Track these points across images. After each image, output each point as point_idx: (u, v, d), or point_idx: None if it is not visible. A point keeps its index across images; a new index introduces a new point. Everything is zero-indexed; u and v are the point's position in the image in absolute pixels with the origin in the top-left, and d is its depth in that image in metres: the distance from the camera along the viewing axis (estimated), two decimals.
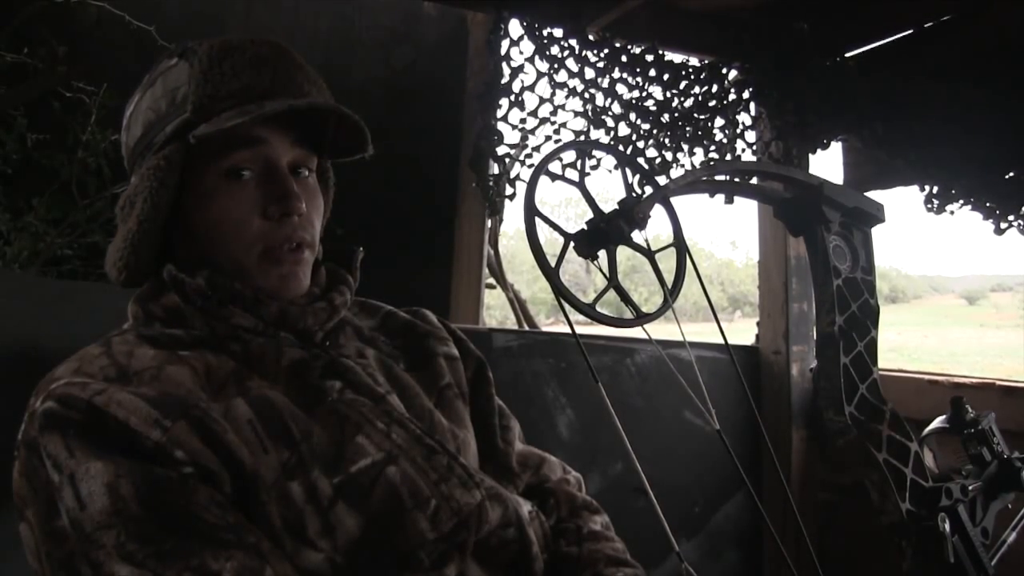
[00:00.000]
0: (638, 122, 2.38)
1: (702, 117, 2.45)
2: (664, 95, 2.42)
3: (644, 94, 2.39)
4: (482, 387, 1.08)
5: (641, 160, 2.35)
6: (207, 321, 0.85)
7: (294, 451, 0.79)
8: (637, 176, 1.16)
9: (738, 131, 2.53)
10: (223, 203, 0.85)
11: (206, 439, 0.75)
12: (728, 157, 2.49)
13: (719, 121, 2.50)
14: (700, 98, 2.47)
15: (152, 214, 0.84)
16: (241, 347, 0.85)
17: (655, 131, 2.39)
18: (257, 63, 0.85)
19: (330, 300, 0.92)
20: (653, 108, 2.39)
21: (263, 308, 0.86)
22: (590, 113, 2.32)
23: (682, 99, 2.44)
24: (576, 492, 1.09)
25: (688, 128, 2.43)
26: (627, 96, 2.37)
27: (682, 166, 2.44)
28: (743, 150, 2.54)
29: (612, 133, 2.35)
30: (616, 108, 2.36)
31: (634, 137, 2.37)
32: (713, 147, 2.48)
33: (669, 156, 2.41)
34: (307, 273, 0.91)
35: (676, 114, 2.42)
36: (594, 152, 1.74)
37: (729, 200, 1.21)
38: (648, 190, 1.08)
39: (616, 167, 1.11)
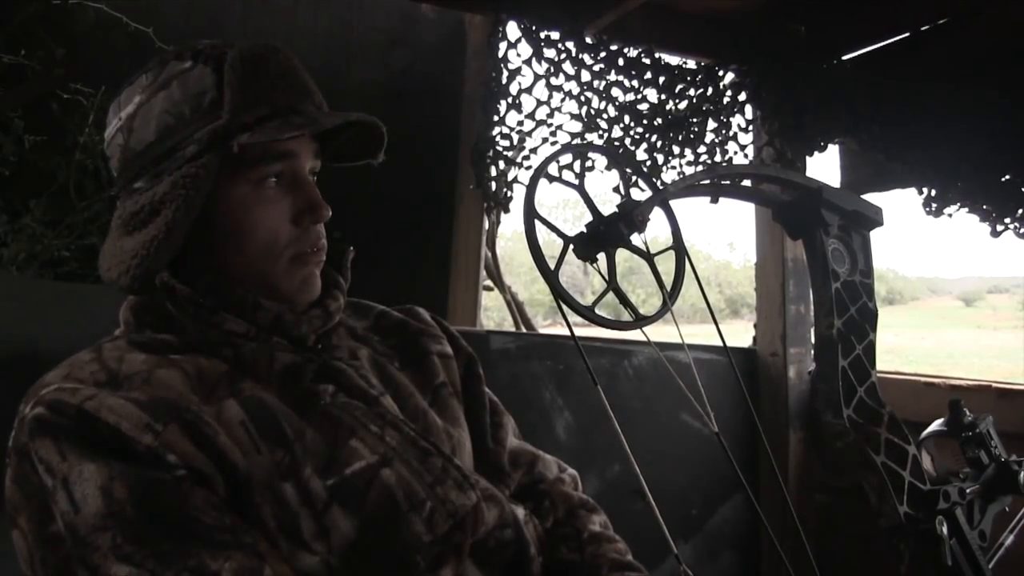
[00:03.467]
0: (631, 124, 2.38)
1: (695, 120, 2.46)
2: (658, 98, 2.42)
3: (639, 97, 2.40)
4: (472, 384, 1.08)
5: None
6: (199, 327, 0.85)
7: (287, 451, 0.79)
8: (635, 179, 1.16)
9: (731, 134, 2.53)
10: (257, 211, 0.86)
11: (198, 442, 0.75)
12: (720, 159, 2.49)
13: (712, 124, 2.51)
14: (694, 101, 2.48)
15: (184, 222, 0.83)
16: (233, 352, 0.85)
17: (647, 134, 2.39)
18: (283, 72, 0.87)
19: (324, 307, 0.92)
20: (646, 111, 2.40)
21: (260, 313, 0.86)
22: (584, 116, 2.33)
23: (676, 102, 2.45)
24: (572, 492, 1.09)
25: (681, 132, 2.44)
26: (622, 99, 2.38)
27: (673, 168, 2.45)
28: (735, 153, 2.54)
29: (606, 136, 2.35)
30: (611, 111, 2.37)
31: (627, 140, 2.38)
32: (705, 150, 2.49)
33: (660, 159, 2.42)
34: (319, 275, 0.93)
35: (669, 117, 2.42)
36: (592, 154, 1.74)
37: (714, 200, 1.21)
38: (646, 193, 1.08)
39: (608, 167, 1.11)
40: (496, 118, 2.25)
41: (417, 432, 0.89)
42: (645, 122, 2.40)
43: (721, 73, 2.54)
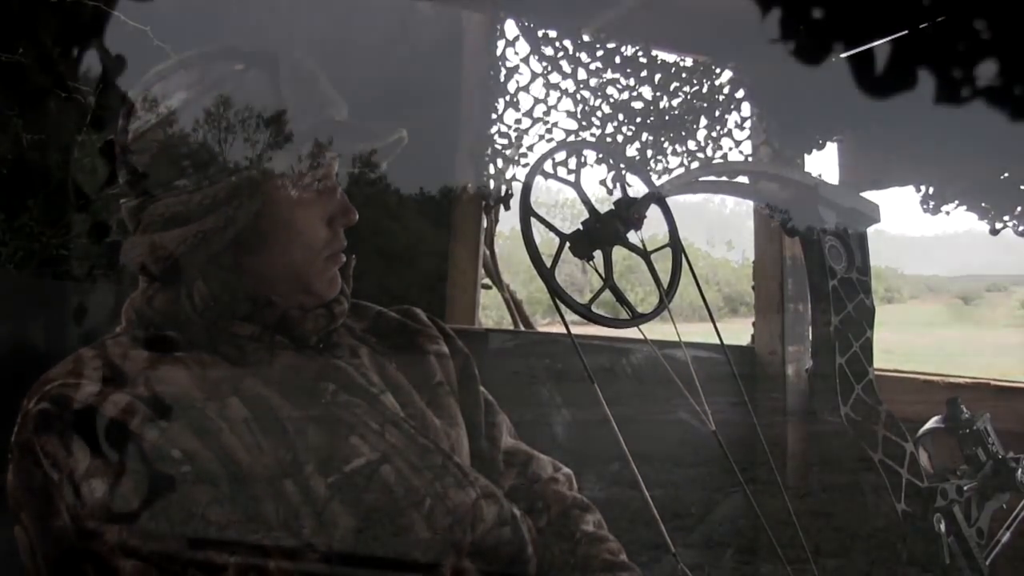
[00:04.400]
0: (624, 121, 2.38)
1: (689, 118, 2.46)
2: (653, 95, 2.42)
3: (634, 94, 2.40)
4: (467, 384, 1.09)
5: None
6: (204, 325, 0.85)
7: (288, 448, 0.79)
8: (628, 176, 1.16)
9: (726, 131, 2.53)
10: (300, 213, 0.89)
11: (202, 438, 0.75)
12: (716, 157, 2.49)
13: (705, 121, 2.51)
14: (690, 98, 2.47)
15: (241, 221, 0.84)
16: (236, 350, 0.85)
17: (640, 131, 2.39)
18: (326, 84, 0.91)
19: (329, 308, 0.93)
20: (639, 108, 2.39)
21: (268, 311, 0.87)
22: (578, 114, 2.33)
23: (670, 99, 2.44)
24: (566, 491, 1.09)
25: (674, 129, 2.43)
26: (617, 97, 2.38)
27: (665, 164, 2.45)
28: (730, 149, 2.54)
29: (599, 133, 2.35)
30: (605, 108, 2.36)
31: (619, 138, 2.37)
32: (698, 147, 2.49)
33: (650, 154, 2.42)
34: None
35: (665, 115, 2.42)
36: (588, 151, 1.73)
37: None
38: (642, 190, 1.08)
39: (598, 161, 1.11)
40: (494, 116, 2.25)
41: (417, 430, 0.90)
42: (638, 119, 2.39)
43: (718, 70, 2.54)
